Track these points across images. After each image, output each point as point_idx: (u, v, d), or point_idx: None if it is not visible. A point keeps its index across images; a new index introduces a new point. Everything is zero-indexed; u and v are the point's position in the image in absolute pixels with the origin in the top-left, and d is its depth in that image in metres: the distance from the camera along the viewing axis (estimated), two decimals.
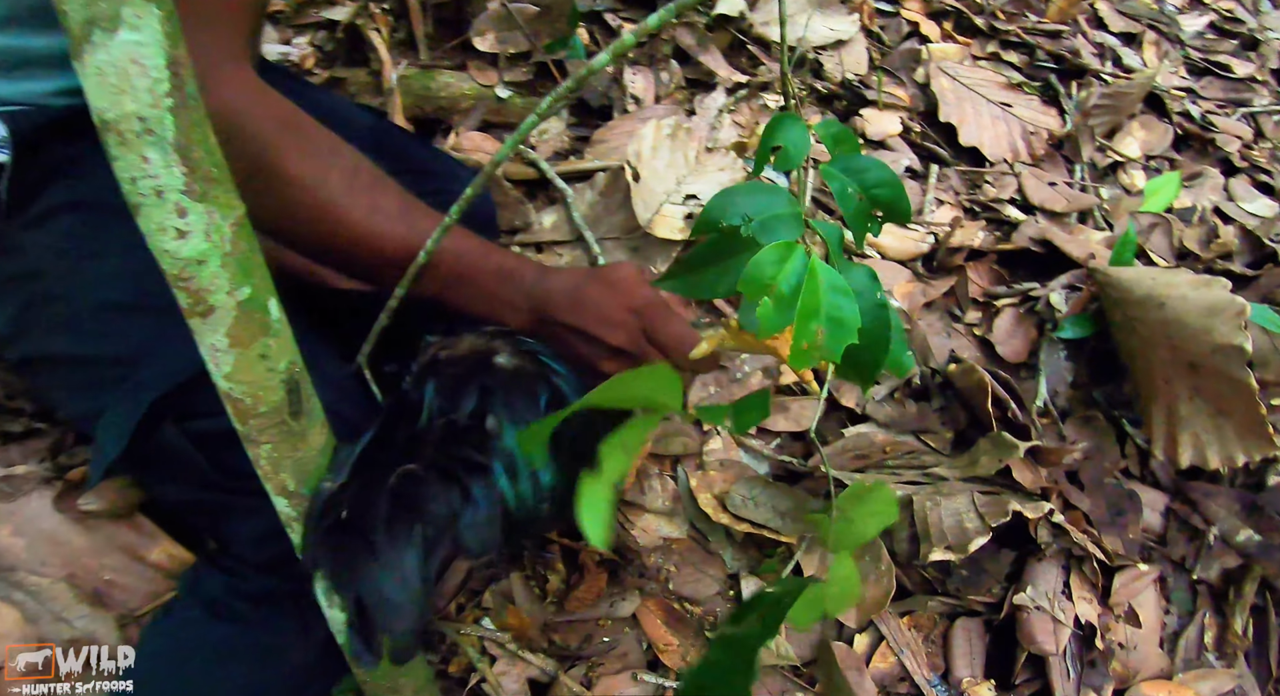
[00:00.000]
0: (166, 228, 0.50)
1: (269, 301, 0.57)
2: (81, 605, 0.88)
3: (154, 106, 0.46)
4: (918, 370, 1.15)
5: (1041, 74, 1.58)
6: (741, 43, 1.50)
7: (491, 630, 0.93)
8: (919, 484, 0.99)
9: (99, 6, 0.43)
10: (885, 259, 1.28)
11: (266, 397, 0.58)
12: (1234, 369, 0.92)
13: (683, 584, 1.02)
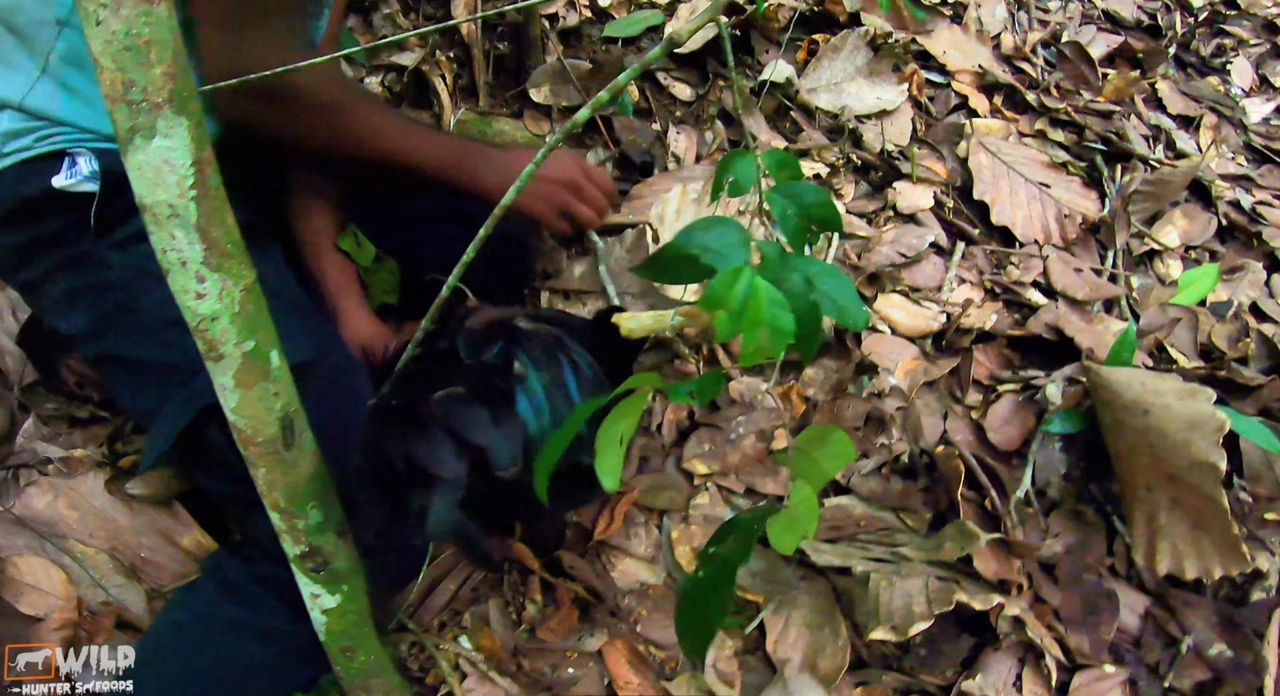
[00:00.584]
0: (189, 290, 0.62)
1: (271, 352, 0.69)
2: (118, 576, 1.02)
3: (180, 197, 0.58)
4: (906, 448, 1.20)
5: (1089, 154, 1.59)
6: (787, 109, 1.57)
7: (467, 649, 1.03)
8: (884, 561, 1.04)
9: (140, 119, 0.56)
10: (895, 334, 1.33)
11: (264, 430, 0.70)
12: (1208, 486, 0.94)
13: (651, 628, 1.09)
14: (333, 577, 0.81)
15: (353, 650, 0.87)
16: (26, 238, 0.92)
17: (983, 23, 1.73)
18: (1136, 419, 1.03)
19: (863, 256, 1.41)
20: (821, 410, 1.25)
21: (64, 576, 1.00)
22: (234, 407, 0.68)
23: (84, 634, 0.97)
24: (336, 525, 0.79)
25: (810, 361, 0.82)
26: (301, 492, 0.75)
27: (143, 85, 0.54)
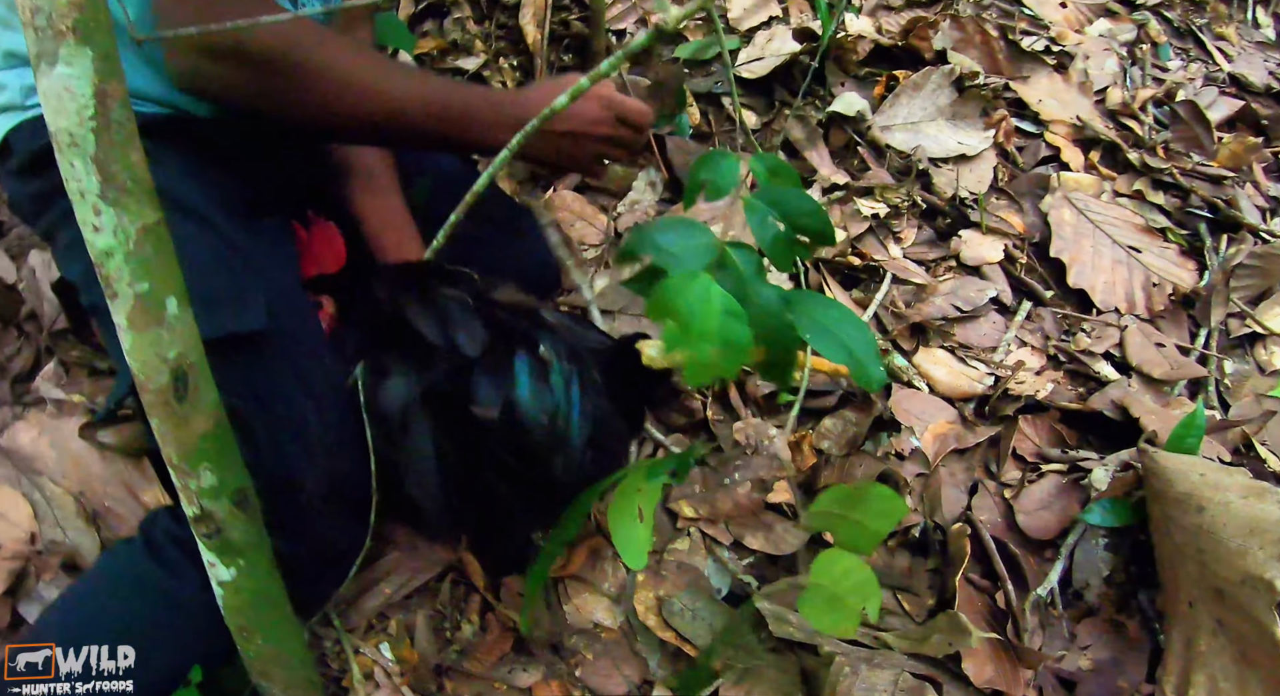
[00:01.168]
0: (87, 222, 0.60)
1: (168, 298, 0.66)
2: (79, 520, 1.03)
3: (80, 125, 0.56)
4: (920, 521, 1.06)
5: (1193, 222, 1.41)
6: (856, 144, 1.49)
7: (387, 658, 0.97)
8: (859, 645, 0.91)
9: (45, 45, 0.55)
10: (933, 392, 1.20)
11: (155, 378, 0.68)
12: (1260, 609, 0.77)
13: (592, 674, 1.00)
14: (227, 548, 0.77)
15: (250, 631, 0.83)
16: (41, 187, 0.95)
17: (1089, 75, 1.59)
18: (1189, 516, 0.86)
19: (912, 305, 1.30)
20: (833, 465, 1.14)
21: (30, 511, 1.02)
22: (128, 349, 0.66)
23: (32, 569, 0.99)
24: (233, 494, 0.75)
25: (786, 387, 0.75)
26: (195, 451, 0.72)
27: (48, 11, 0.53)
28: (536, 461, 0.83)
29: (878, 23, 1.63)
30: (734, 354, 0.66)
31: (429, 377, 0.83)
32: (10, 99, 0.97)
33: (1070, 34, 1.68)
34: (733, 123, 1.54)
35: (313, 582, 0.93)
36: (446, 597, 1.02)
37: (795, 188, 0.79)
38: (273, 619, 0.84)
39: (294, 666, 0.88)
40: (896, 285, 1.32)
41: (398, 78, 0.91)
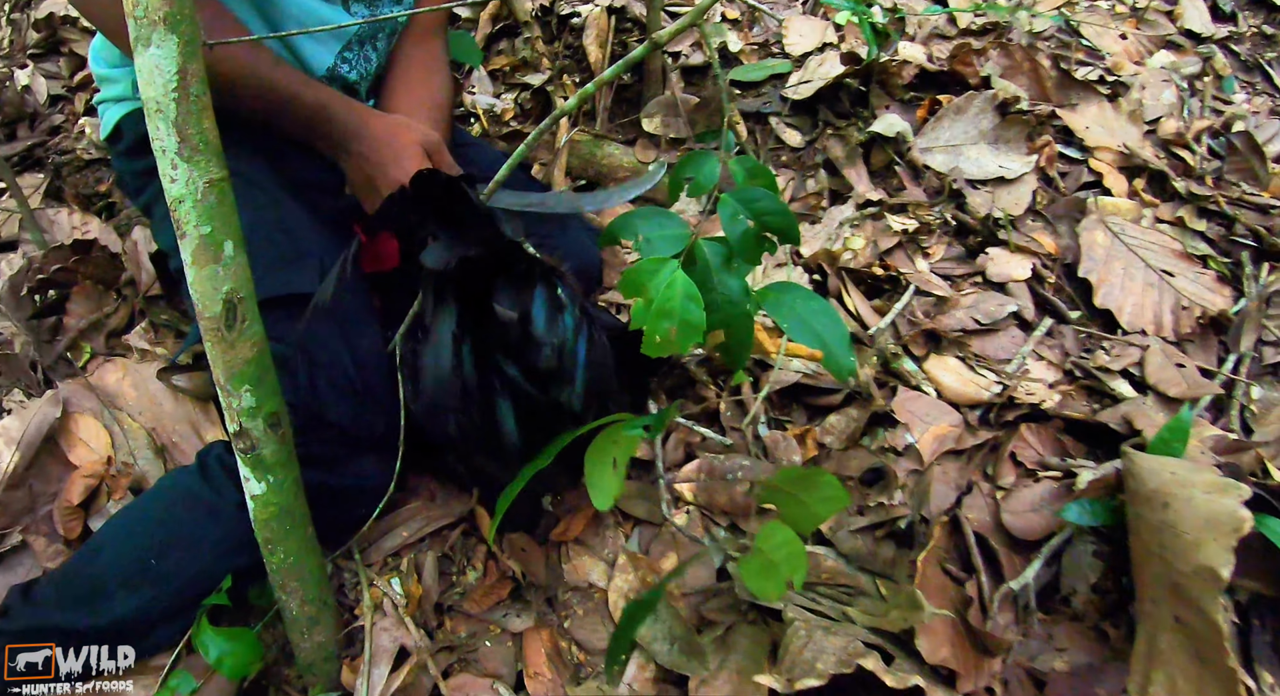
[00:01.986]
0: (166, 174, 0.77)
1: (225, 242, 0.82)
2: (149, 451, 1.21)
3: (165, 96, 0.73)
4: (908, 513, 1.12)
5: (1236, 250, 1.41)
6: (895, 165, 1.56)
7: (395, 591, 1.10)
8: (823, 616, 0.97)
9: (142, 31, 0.73)
10: (941, 397, 1.25)
11: (210, 307, 0.83)
12: (1206, 600, 0.79)
13: (580, 628, 1.09)
14: (259, 464, 0.91)
15: (273, 544, 0.97)
16: (144, 165, 1.16)
17: (1142, 105, 1.62)
18: (1155, 513, 0.89)
19: (933, 317, 1.36)
20: (831, 458, 1.21)
21: (109, 440, 1.21)
22: (191, 282, 0.82)
23: (105, 487, 1.17)
24: (268, 416, 0.90)
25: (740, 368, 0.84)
26: (238, 373, 0.87)
27: (145, 5, 0.71)
28: (541, 385, 0.92)
29: (929, 49, 1.71)
30: (689, 332, 0.77)
31: (467, 250, 0.92)
32: (122, 91, 1.18)
33: (1128, 65, 1.71)
34: (779, 140, 1.64)
35: (339, 514, 1.07)
36: (456, 544, 1.14)
37: (770, 189, 0.88)
38: (295, 535, 0.98)
39: (311, 583, 1.02)
40: (919, 297, 1.38)
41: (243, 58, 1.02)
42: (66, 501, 1.21)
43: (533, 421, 0.96)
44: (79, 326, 1.53)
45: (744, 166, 0.89)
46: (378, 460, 1.05)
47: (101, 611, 1.01)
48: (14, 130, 2.20)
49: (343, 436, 1.02)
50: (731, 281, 0.82)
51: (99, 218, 1.84)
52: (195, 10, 0.74)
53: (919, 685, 0.85)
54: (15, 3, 2.58)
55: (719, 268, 0.82)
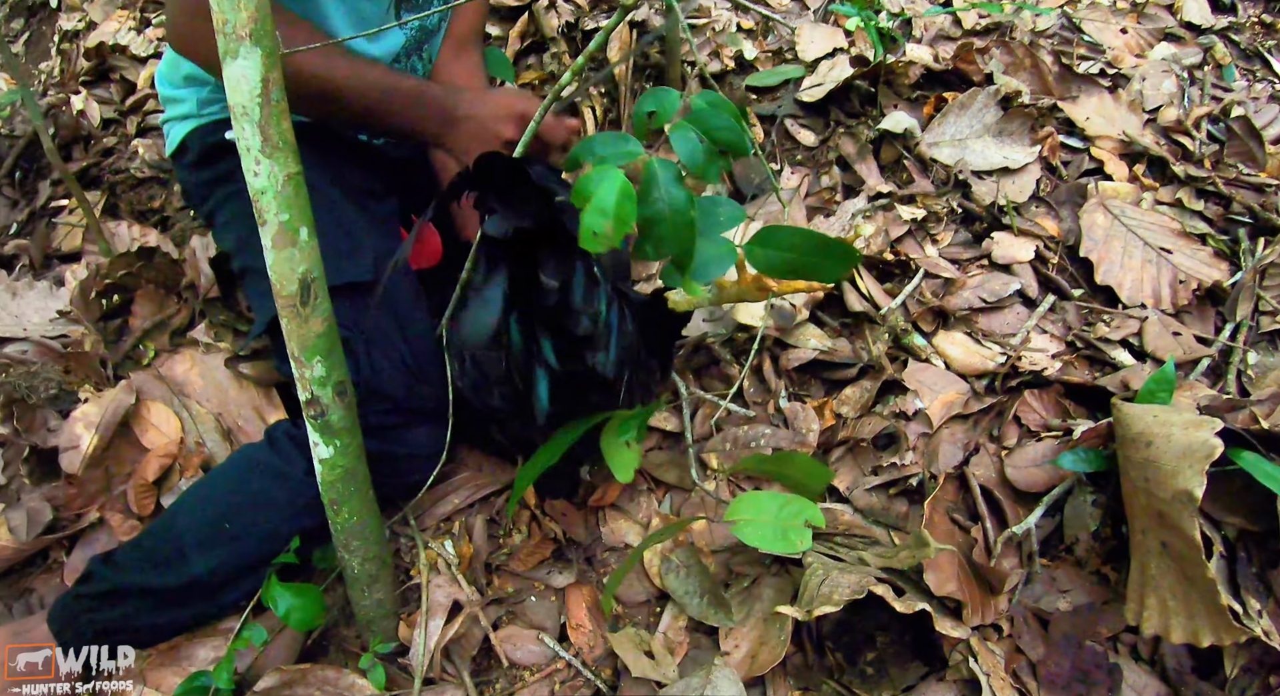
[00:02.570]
0: (250, 169, 0.91)
1: (301, 228, 0.95)
2: (216, 434, 1.35)
3: (250, 101, 0.87)
4: (918, 472, 1.22)
5: (1233, 228, 1.50)
6: (904, 159, 1.67)
7: (448, 551, 1.22)
8: (838, 560, 1.08)
9: (230, 45, 0.86)
10: (949, 368, 1.35)
11: (287, 287, 0.97)
12: (1184, 520, 0.89)
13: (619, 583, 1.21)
14: (328, 429, 1.04)
15: (338, 504, 1.09)
16: (208, 175, 1.32)
17: (1143, 95, 1.72)
18: (1139, 451, 1.00)
19: (942, 297, 1.46)
20: (847, 426, 1.31)
21: (179, 425, 1.35)
22: (271, 264, 0.96)
23: (178, 466, 1.30)
24: (336, 384, 1.03)
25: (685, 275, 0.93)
26: (310, 346, 1.00)
27: (234, 22, 0.84)
28: (577, 348, 1.03)
29: (935, 50, 1.83)
30: (620, 226, 0.84)
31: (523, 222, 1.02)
32: (188, 110, 1.33)
33: (1128, 58, 1.82)
34: (794, 140, 1.77)
35: (396, 480, 1.19)
36: (502, 509, 1.26)
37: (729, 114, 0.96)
38: (358, 495, 1.10)
39: (371, 541, 1.14)
40: (928, 280, 1.49)
41: (341, 65, 1.10)
42: (141, 479, 1.35)
43: (564, 392, 1.08)
44: (144, 326, 1.68)
45: (705, 99, 0.93)
46: (430, 430, 1.17)
47: (179, 571, 1.14)
48: (70, 152, 2.38)
49: (398, 408, 1.15)
50: (676, 192, 0.87)
51: (156, 229, 2.00)
52: (275, 25, 0.88)
53: (927, 610, 0.95)
54: (64, 34, 2.78)
55: (667, 180, 0.87)
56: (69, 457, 1.41)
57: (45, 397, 1.53)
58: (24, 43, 2.90)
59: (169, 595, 1.15)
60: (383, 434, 1.14)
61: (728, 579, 1.19)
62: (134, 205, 2.17)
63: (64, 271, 1.95)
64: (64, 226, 2.12)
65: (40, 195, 2.30)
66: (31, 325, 1.82)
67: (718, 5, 1.96)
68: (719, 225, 1.01)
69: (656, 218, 0.85)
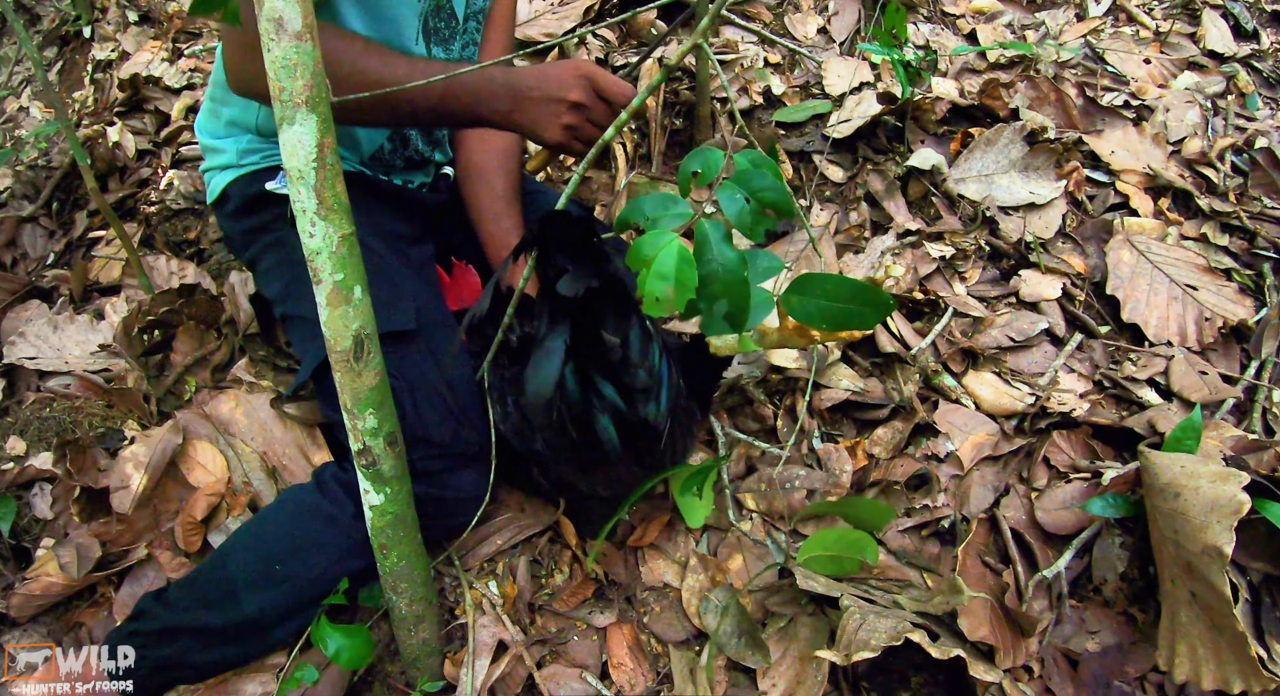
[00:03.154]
0: (305, 230, 0.96)
1: (355, 286, 1.01)
2: (261, 473, 1.41)
3: (306, 165, 0.92)
4: (950, 513, 1.26)
5: (1258, 262, 1.54)
6: (933, 196, 1.71)
7: (493, 592, 1.27)
8: (874, 603, 1.12)
9: (287, 112, 0.92)
10: (979, 409, 1.39)
11: (341, 342, 1.02)
12: (1214, 574, 0.93)
13: (658, 623, 1.25)
14: (379, 478, 1.10)
15: (388, 548, 1.15)
16: (250, 225, 1.37)
17: (1167, 126, 1.76)
18: (1168, 502, 1.03)
19: (971, 336, 1.50)
20: (880, 467, 1.35)
21: (224, 463, 1.40)
22: (325, 321, 1.01)
23: (225, 505, 1.36)
24: (387, 435, 1.08)
25: (740, 331, 0.96)
26: (363, 399, 1.05)
27: (290, 90, 0.89)
28: (632, 400, 1.07)
29: (961, 85, 1.87)
30: (682, 292, 0.88)
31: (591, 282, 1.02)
32: (228, 160, 1.38)
33: (1151, 89, 1.85)
34: (822, 177, 1.81)
35: (442, 522, 1.24)
36: (544, 550, 1.31)
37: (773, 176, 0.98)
38: (406, 540, 1.15)
39: (419, 584, 1.19)
40: (956, 318, 1.53)
41: (400, 65, 1.10)
42: (189, 517, 1.41)
43: (620, 435, 1.13)
44: (185, 362, 1.75)
45: (749, 158, 0.98)
46: (475, 474, 1.22)
47: (231, 611, 1.19)
48: (105, 183, 2.45)
49: (444, 453, 1.20)
50: (729, 253, 0.91)
51: (193, 263, 2.07)
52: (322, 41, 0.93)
53: (961, 656, 0.99)
54: (97, 64, 2.86)
55: (718, 241, 0.92)
56: (119, 497, 1.47)
57: (94, 436, 1.59)
58: (57, 72, 2.98)
59: (221, 633, 1.20)
60: (429, 478, 1.19)
61: (764, 618, 1.23)
62: (169, 236, 2.23)
63: (104, 304, 2.02)
64: (101, 259, 2.19)
65: (78, 226, 2.38)
66: (73, 358, 1.89)
67: (745, 40, 2.00)
68: (758, 275, 1.06)
69: (712, 278, 0.89)
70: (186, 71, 2.62)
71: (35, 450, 1.64)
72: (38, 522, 1.57)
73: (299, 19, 0.87)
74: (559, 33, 2.07)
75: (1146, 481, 1.09)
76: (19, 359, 1.88)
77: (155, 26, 2.86)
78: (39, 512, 1.56)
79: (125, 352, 1.77)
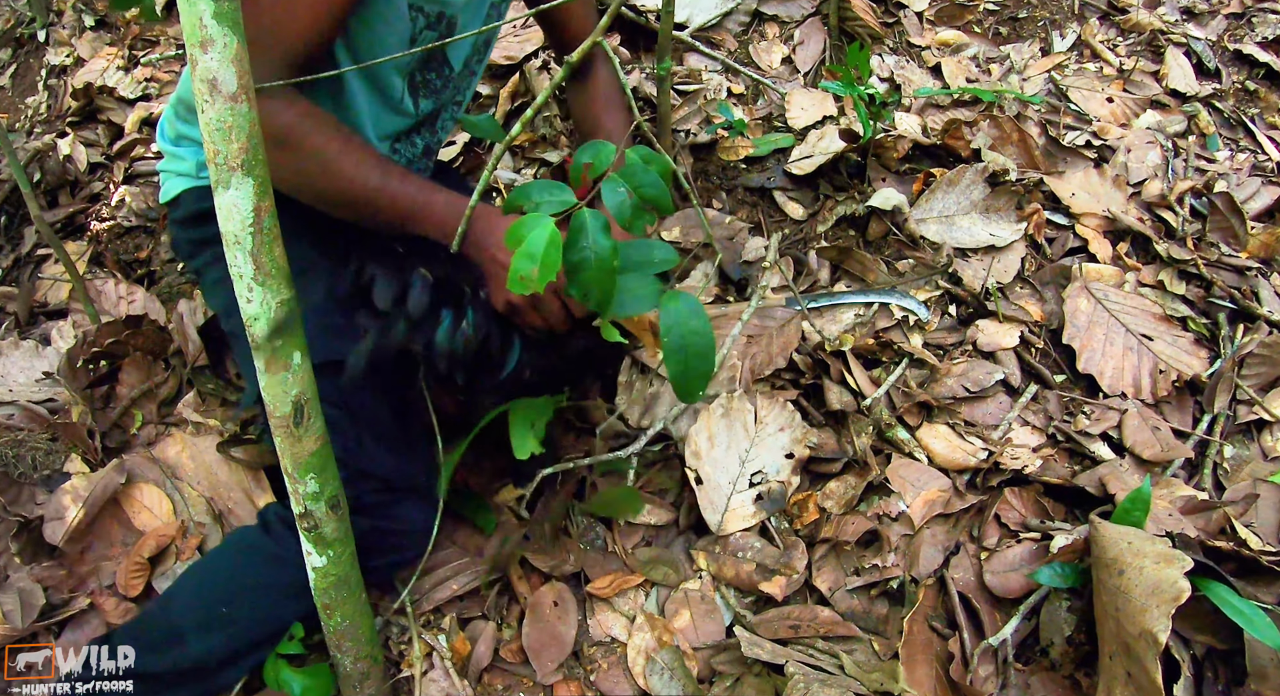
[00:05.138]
0: (242, 295, 0.94)
1: (294, 353, 0.99)
2: (208, 516, 1.39)
3: (242, 230, 0.90)
4: (899, 574, 1.26)
5: (1215, 311, 1.55)
6: (893, 236, 1.71)
7: (443, 646, 1.26)
8: (820, 670, 1.12)
9: (222, 175, 0.89)
10: (932, 464, 1.39)
11: (281, 408, 1.00)
12: (1148, 660, 0.94)
13: (604, 680, 1.25)
14: (321, 540, 1.08)
15: (331, 609, 1.13)
16: (200, 236, 1.34)
17: (1127, 168, 1.77)
18: (1112, 578, 1.04)
19: (926, 386, 1.50)
20: (830, 522, 1.36)
21: (170, 507, 1.39)
22: (264, 386, 0.99)
23: (175, 548, 1.34)
24: (329, 499, 1.07)
25: (604, 317, 1.00)
26: (304, 464, 1.03)
27: (225, 153, 0.87)
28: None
29: (924, 121, 1.87)
30: (547, 270, 0.90)
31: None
32: (185, 169, 1.36)
33: (1113, 128, 1.87)
34: (782, 212, 1.81)
35: (389, 555, 1.23)
36: (492, 604, 1.30)
37: (662, 174, 0.99)
38: (350, 600, 1.14)
39: (363, 642, 1.18)
40: (912, 368, 1.53)
41: (374, 171, 1.12)
42: (137, 557, 1.38)
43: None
44: (131, 395, 1.71)
45: (639, 154, 1.01)
46: (421, 505, 1.22)
47: (176, 655, 1.18)
48: (55, 197, 2.40)
49: (387, 485, 1.20)
50: (603, 242, 0.94)
51: (142, 286, 2.03)
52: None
53: None
54: (51, 69, 2.80)
55: (594, 230, 0.94)
56: (52, 528, 1.44)
57: (39, 477, 1.57)
58: (10, 75, 2.91)
59: (167, 678, 1.19)
60: (374, 511, 1.18)
61: (711, 676, 1.23)
62: (120, 255, 2.19)
63: (50, 329, 1.98)
64: (48, 280, 2.14)
65: (26, 241, 2.32)
66: (18, 386, 1.85)
67: (708, 68, 2.00)
68: (652, 265, 1.06)
69: (583, 265, 0.91)
70: (142, 81, 2.57)
71: None
72: None
73: (234, 80, 0.85)
74: (519, 56, 2.05)
75: (1095, 553, 1.10)
76: None
77: (112, 32, 2.79)
78: None
79: (69, 386, 1.74)
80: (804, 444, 1.42)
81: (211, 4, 0.81)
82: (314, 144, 1.10)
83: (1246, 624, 1.00)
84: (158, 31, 2.77)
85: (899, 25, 2.15)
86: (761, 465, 1.40)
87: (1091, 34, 2.13)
